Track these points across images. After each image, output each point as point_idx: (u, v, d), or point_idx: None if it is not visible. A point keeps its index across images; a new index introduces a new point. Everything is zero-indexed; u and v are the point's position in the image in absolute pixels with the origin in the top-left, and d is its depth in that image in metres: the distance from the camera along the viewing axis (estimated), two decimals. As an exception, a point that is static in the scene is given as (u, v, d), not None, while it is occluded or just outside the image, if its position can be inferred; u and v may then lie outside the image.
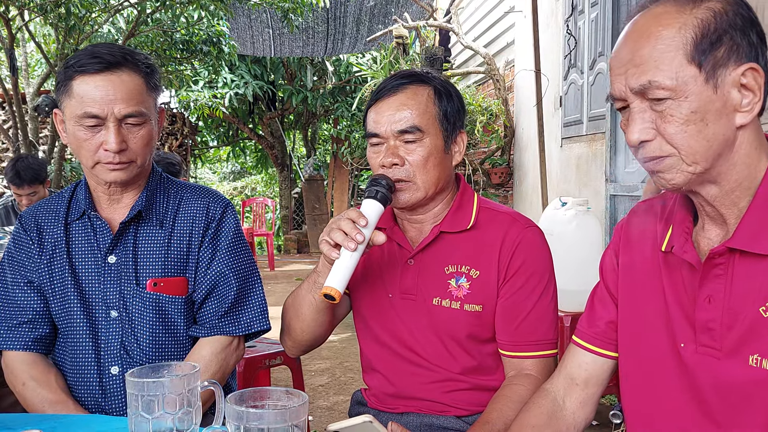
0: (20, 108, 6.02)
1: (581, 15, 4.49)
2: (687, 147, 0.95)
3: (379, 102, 1.44)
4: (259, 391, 0.98)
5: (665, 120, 0.95)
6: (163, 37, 6.30)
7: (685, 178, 0.97)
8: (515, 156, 6.20)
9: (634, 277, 1.15)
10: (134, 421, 1.02)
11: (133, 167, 1.48)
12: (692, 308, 1.04)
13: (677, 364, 1.06)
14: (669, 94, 0.93)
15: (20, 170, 3.92)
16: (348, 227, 1.29)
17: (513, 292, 1.42)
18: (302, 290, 1.47)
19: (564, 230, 3.14)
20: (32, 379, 1.48)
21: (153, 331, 1.51)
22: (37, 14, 5.69)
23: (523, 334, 1.42)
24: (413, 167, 1.41)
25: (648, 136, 0.96)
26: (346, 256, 1.29)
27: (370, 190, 1.36)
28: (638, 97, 0.96)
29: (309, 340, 1.53)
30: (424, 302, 1.45)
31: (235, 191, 16.60)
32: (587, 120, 4.39)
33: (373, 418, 1.21)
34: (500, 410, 1.35)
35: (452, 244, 1.46)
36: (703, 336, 1.02)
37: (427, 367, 1.46)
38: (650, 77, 0.94)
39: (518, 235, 1.43)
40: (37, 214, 1.57)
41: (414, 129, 1.40)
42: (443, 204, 1.49)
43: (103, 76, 1.42)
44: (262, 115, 11.56)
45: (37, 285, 1.53)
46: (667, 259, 1.09)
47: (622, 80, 0.97)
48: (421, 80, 1.46)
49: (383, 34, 6.81)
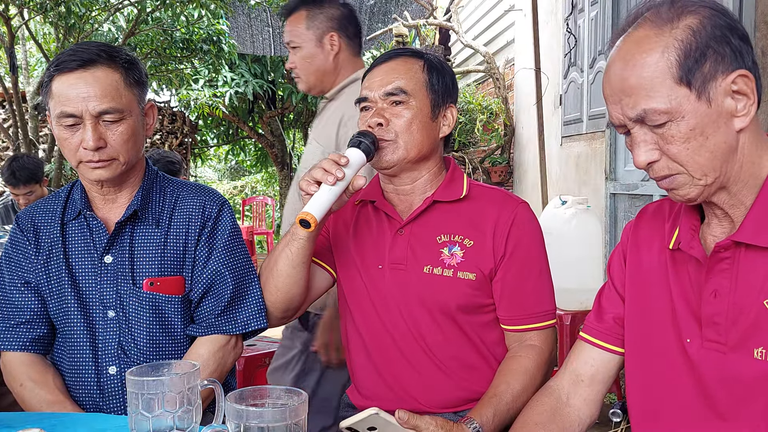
0: (20, 107, 6.02)
1: (581, 13, 4.49)
2: (693, 163, 0.97)
3: (372, 70, 1.51)
4: (259, 390, 0.98)
5: (667, 141, 0.97)
6: (163, 36, 6.29)
7: (699, 191, 1.00)
8: (515, 154, 6.20)
9: (641, 276, 1.16)
10: (134, 420, 1.02)
11: (116, 165, 1.47)
12: (698, 303, 1.05)
13: (683, 359, 1.07)
14: (666, 117, 0.96)
15: (15, 170, 3.92)
16: (328, 165, 1.34)
17: (516, 267, 1.44)
18: (279, 246, 1.49)
19: (564, 229, 3.14)
20: (30, 379, 1.48)
21: (150, 330, 1.51)
22: (37, 13, 5.69)
23: (525, 307, 1.45)
24: (397, 128, 1.44)
25: (654, 157, 1.00)
26: (324, 190, 1.33)
27: (353, 140, 1.41)
28: (637, 124, 0.99)
29: (283, 300, 1.52)
30: (415, 271, 1.46)
31: (235, 190, 16.60)
32: (587, 118, 4.39)
33: (379, 409, 1.22)
34: (507, 383, 1.38)
35: (445, 214, 1.49)
36: (708, 331, 1.03)
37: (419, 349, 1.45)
38: (644, 106, 0.96)
39: (513, 210, 1.46)
40: (33, 215, 1.57)
41: (399, 91, 1.45)
42: (429, 175, 1.51)
43: (78, 74, 1.41)
44: (262, 113, 11.56)
45: (35, 285, 1.52)
46: (674, 256, 1.11)
47: (618, 109, 1.00)
48: (414, 53, 1.52)
49: (383, 32, 6.81)
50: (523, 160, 5.94)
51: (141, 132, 1.51)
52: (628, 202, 3.45)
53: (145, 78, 1.53)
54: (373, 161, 1.44)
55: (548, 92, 4.92)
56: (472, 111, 6.05)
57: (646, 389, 1.13)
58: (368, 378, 1.54)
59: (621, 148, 3.51)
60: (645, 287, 1.15)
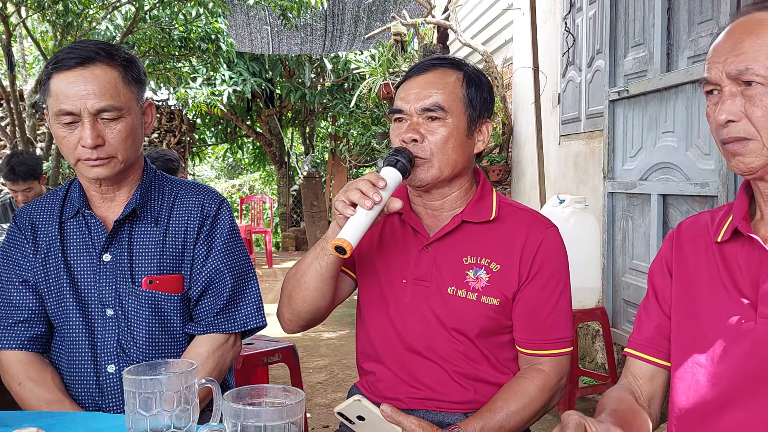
0: (18, 105, 6.01)
1: (579, 12, 4.49)
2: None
3: (409, 80, 1.45)
4: (257, 389, 0.98)
5: (754, 104, 1.03)
6: (161, 34, 6.27)
7: (764, 162, 1.05)
8: (513, 153, 6.20)
9: (690, 277, 1.18)
10: (132, 419, 1.02)
11: (114, 163, 1.46)
12: (756, 284, 1.08)
13: (742, 341, 1.08)
14: (761, 80, 1.01)
15: (14, 166, 3.92)
16: (366, 187, 1.28)
17: (535, 292, 1.42)
18: (308, 258, 1.44)
19: (562, 227, 3.11)
20: (29, 378, 1.48)
21: (149, 328, 1.51)
22: (35, 11, 5.67)
23: (542, 332, 1.43)
24: (432, 146, 1.40)
25: (735, 117, 1.04)
26: (361, 214, 1.26)
27: (389, 159, 1.35)
28: (732, 82, 1.04)
29: (309, 311, 1.47)
30: (438, 290, 1.44)
31: (233, 188, 16.59)
32: (585, 117, 4.39)
33: (362, 397, 1.22)
34: (505, 400, 1.36)
35: (472, 235, 1.45)
36: (765, 308, 1.06)
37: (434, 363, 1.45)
38: (747, 64, 1.02)
39: (541, 234, 1.44)
40: (31, 213, 1.57)
41: (437, 108, 1.40)
42: (460, 192, 1.48)
43: (76, 72, 1.41)
44: (260, 112, 11.55)
45: (33, 284, 1.52)
46: (722, 250, 1.14)
47: (720, 67, 1.05)
48: (453, 64, 1.46)
49: (381, 31, 6.80)
50: (521, 159, 5.94)
51: (139, 130, 1.51)
52: (626, 201, 3.45)
53: (144, 76, 1.53)
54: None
55: (546, 91, 4.92)
56: (471, 110, 6.04)
57: (696, 393, 1.13)
58: (379, 386, 1.52)
59: (619, 146, 3.52)
60: (695, 286, 1.17)
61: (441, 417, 1.45)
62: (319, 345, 4.93)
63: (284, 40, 8.35)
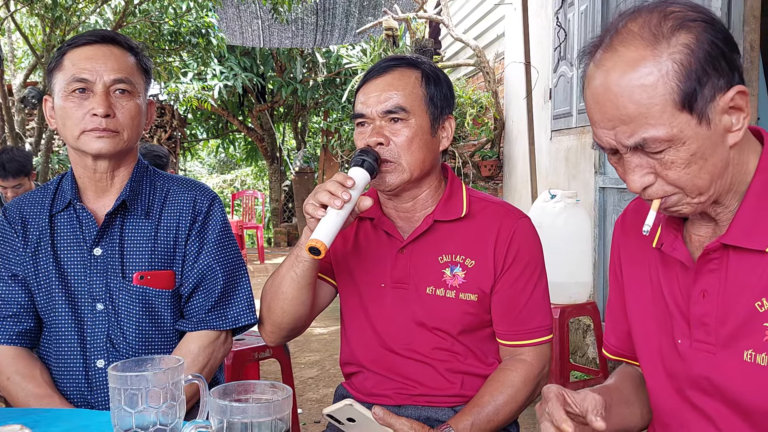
0: (6, 100, 5.97)
1: (571, 7, 4.49)
2: (691, 185, 0.94)
3: (367, 83, 1.45)
4: (244, 385, 0.97)
5: (666, 167, 0.93)
6: (150, 29, 6.23)
7: (693, 208, 0.97)
8: (505, 148, 6.20)
9: (636, 275, 1.16)
10: (117, 416, 1.01)
11: (119, 139, 1.47)
12: (686, 304, 1.04)
13: (678, 360, 1.06)
14: (667, 145, 0.91)
15: (5, 162, 3.89)
16: (334, 187, 1.29)
17: (510, 283, 1.43)
18: (283, 268, 1.45)
19: (553, 222, 3.14)
20: (17, 373, 1.46)
21: (139, 324, 1.50)
22: (23, 4, 5.62)
23: (521, 323, 1.44)
24: (398, 148, 1.40)
25: (649, 182, 0.95)
26: (332, 214, 1.28)
27: (356, 159, 1.36)
28: (632, 150, 0.94)
29: (290, 321, 1.48)
30: (417, 291, 1.44)
31: (224, 184, 16.54)
32: (577, 112, 4.39)
33: (354, 401, 1.22)
34: (491, 394, 1.38)
35: (446, 234, 1.46)
36: (697, 331, 1.02)
37: (419, 363, 1.45)
38: (643, 135, 0.90)
39: (512, 225, 1.44)
40: (21, 206, 1.56)
41: (399, 109, 1.40)
42: (430, 190, 1.48)
43: (95, 46, 1.47)
44: (251, 107, 11.51)
45: (22, 278, 1.51)
46: (662, 255, 1.09)
47: (611, 135, 0.94)
48: (410, 63, 1.46)
49: (373, 25, 6.77)
50: (512, 154, 5.94)
51: (143, 118, 1.53)
52: (617, 196, 3.45)
53: (151, 73, 1.58)
54: (374, 182, 1.40)
55: (538, 86, 4.92)
56: (462, 105, 6.04)
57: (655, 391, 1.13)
58: (366, 384, 1.52)
59: (610, 141, 3.52)
60: (641, 286, 1.14)
61: (430, 412, 1.45)
62: (311, 341, 4.93)
63: (275, 34, 8.31)
